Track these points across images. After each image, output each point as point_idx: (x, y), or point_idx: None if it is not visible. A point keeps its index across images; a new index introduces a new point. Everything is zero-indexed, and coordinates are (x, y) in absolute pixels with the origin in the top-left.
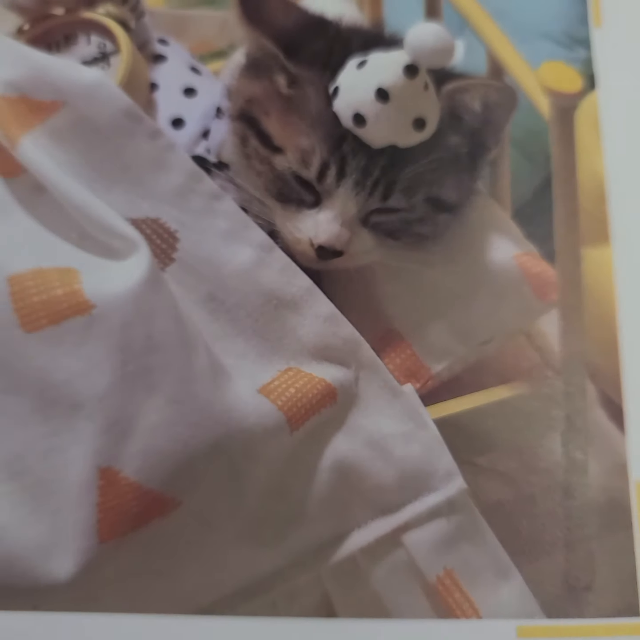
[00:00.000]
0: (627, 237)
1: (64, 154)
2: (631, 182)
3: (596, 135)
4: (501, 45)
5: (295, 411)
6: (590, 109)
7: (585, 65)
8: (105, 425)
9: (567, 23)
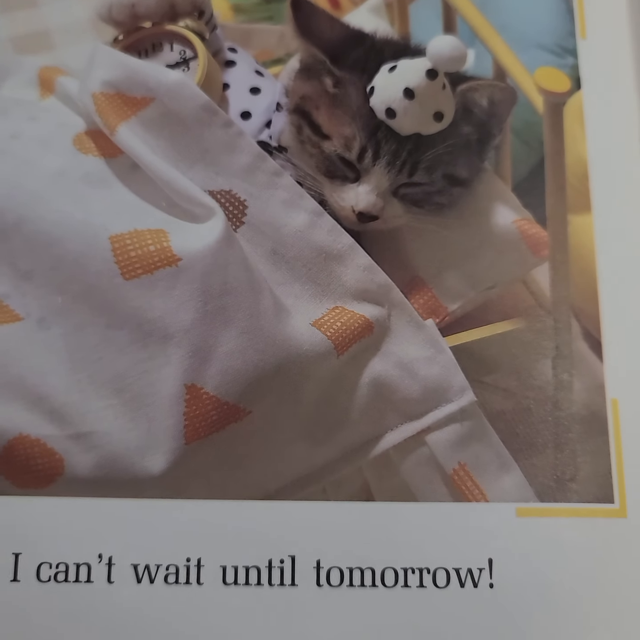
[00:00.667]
0: (604, 206)
1: (154, 140)
2: (609, 163)
3: (581, 125)
4: (504, 54)
5: (340, 340)
6: (577, 105)
7: (573, 70)
8: (191, 351)
9: (558, 35)
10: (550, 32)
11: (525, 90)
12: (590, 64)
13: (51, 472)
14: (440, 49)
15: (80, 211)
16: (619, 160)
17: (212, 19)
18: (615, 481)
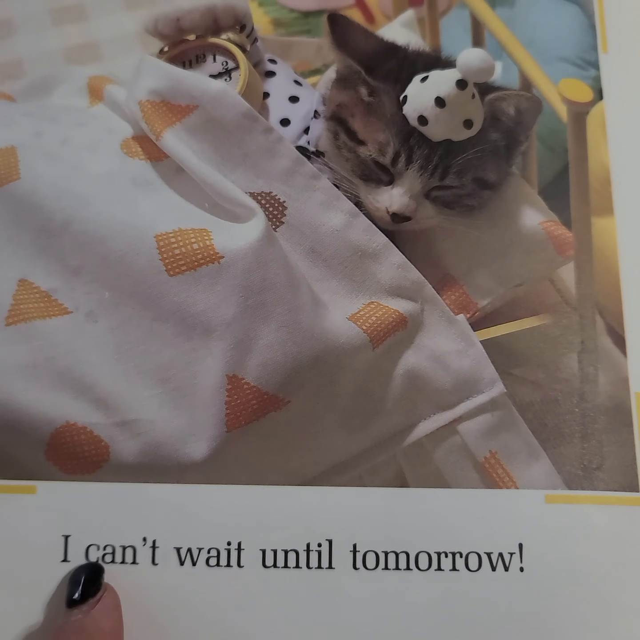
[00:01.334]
0: (626, 210)
1: (198, 144)
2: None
3: (603, 133)
4: (530, 66)
5: (376, 334)
6: (599, 114)
7: (595, 81)
8: (232, 344)
9: (580, 49)
10: (573, 46)
11: (550, 100)
12: (611, 76)
13: (97, 459)
14: (469, 61)
15: (125, 212)
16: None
17: (253, 32)
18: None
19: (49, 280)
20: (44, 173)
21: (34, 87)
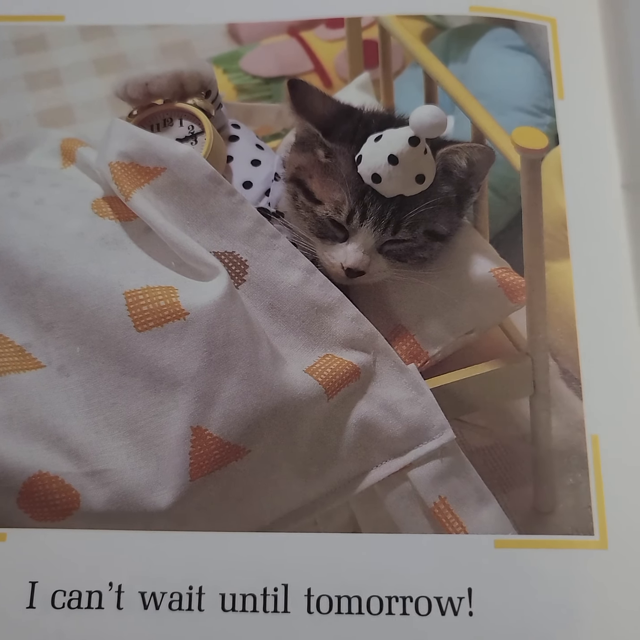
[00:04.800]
0: (583, 252)
1: (165, 205)
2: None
3: (559, 178)
4: (482, 117)
5: (331, 385)
6: (555, 160)
7: (551, 127)
8: (197, 397)
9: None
10: (528, 95)
11: (502, 149)
12: (567, 121)
13: (68, 507)
14: (421, 118)
15: (97, 269)
16: (596, 209)
17: (218, 98)
18: (595, 514)
19: (22, 335)
20: (19, 231)
21: (10, 148)
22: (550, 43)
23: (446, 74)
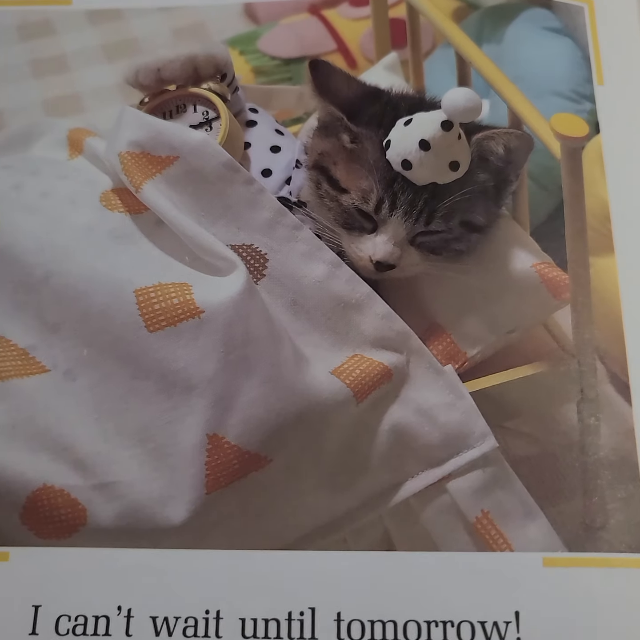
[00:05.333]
0: (628, 247)
1: (178, 196)
2: (630, 203)
3: (601, 169)
4: (519, 102)
5: (360, 387)
6: (596, 149)
7: (591, 115)
8: (213, 401)
9: (574, 82)
10: (567, 80)
11: (541, 136)
12: (608, 109)
13: (74, 523)
14: (454, 101)
15: (106, 265)
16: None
17: (234, 81)
18: None
19: (26, 338)
20: (23, 226)
21: (15, 139)
22: (588, 25)
23: (480, 55)
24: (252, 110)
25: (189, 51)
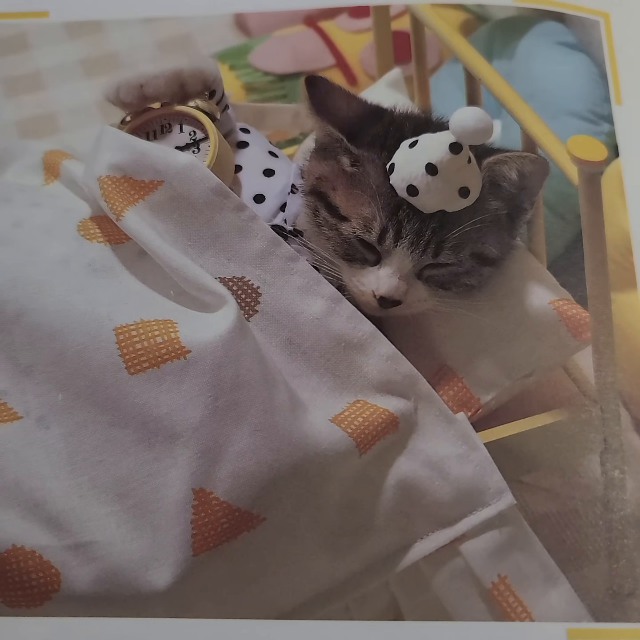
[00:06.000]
0: None
1: (162, 224)
2: None
3: (621, 195)
4: (533, 123)
5: (363, 437)
6: (615, 174)
7: (609, 137)
8: (200, 452)
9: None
10: (583, 99)
11: (557, 160)
12: (627, 130)
13: (46, 589)
14: (463, 122)
15: (84, 301)
16: None
17: (224, 99)
18: None
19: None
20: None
21: None
22: (604, 40)
23: (490, 71)
24: (243, 131)
25: (174, 66)
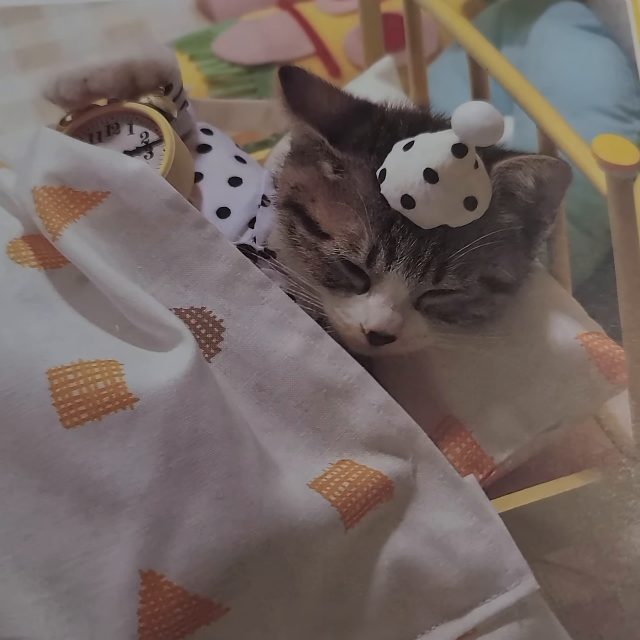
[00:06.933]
0: None
1: (107, 244)
2: None
3: None
4: (552, 120)
5: (349, 507)
6: None
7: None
8: (148, 525)
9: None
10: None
11: (581, 164)
12: None
13: None
14: (468, 119)
15: (11, 338)
16: None
17: (182, 95)
18: None
19: None
20: None
21: None
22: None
23: (499, 60)
24: (205, 132)
25: (124, 57)
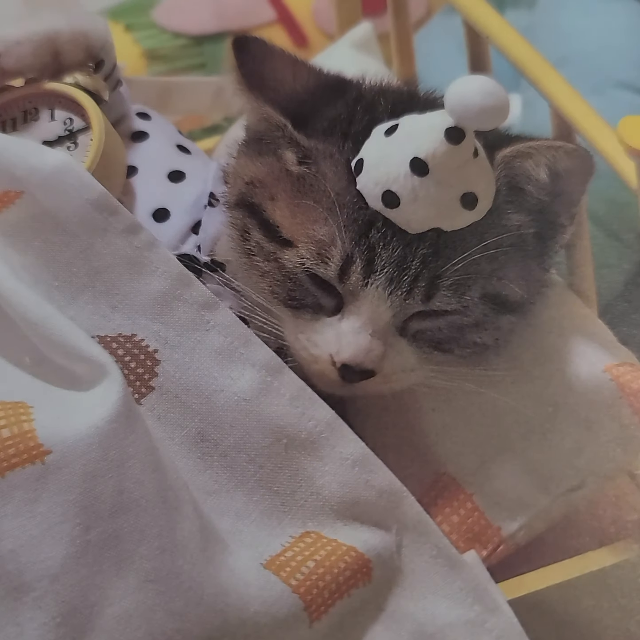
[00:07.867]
0: None
1: (19, 256)
2: None
3: None
4: (568, 99)
5: (315, 594)
6: None
7: None
8: (59, 615)
9: None
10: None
11: (605, 153)
12: None
13: None
14: (465, 97)
15: None
16: None
17: (115, 72)
18: None
19: None
20: None
21: None
22: None
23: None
24: (141, 116)
25: (46, 27)
